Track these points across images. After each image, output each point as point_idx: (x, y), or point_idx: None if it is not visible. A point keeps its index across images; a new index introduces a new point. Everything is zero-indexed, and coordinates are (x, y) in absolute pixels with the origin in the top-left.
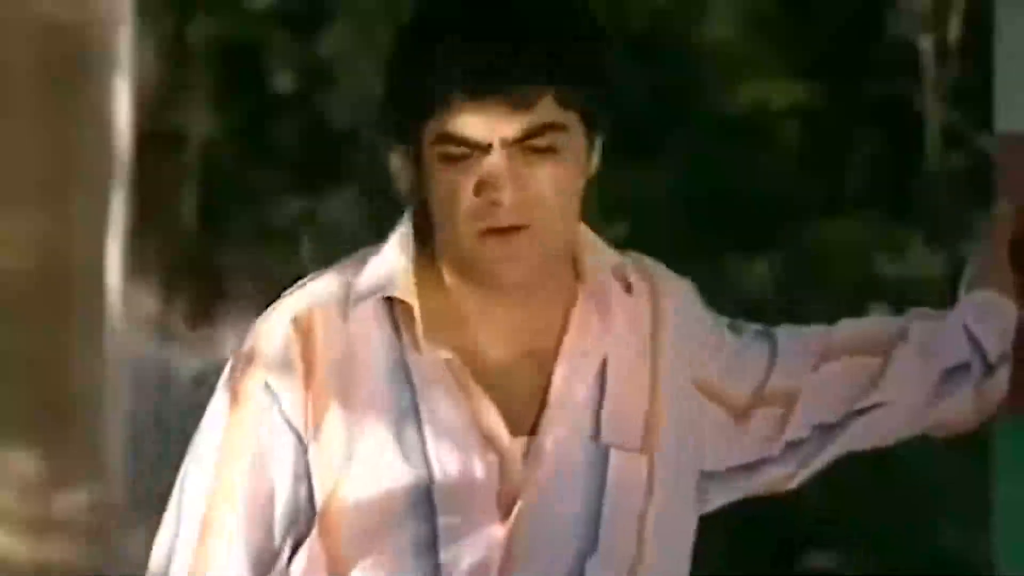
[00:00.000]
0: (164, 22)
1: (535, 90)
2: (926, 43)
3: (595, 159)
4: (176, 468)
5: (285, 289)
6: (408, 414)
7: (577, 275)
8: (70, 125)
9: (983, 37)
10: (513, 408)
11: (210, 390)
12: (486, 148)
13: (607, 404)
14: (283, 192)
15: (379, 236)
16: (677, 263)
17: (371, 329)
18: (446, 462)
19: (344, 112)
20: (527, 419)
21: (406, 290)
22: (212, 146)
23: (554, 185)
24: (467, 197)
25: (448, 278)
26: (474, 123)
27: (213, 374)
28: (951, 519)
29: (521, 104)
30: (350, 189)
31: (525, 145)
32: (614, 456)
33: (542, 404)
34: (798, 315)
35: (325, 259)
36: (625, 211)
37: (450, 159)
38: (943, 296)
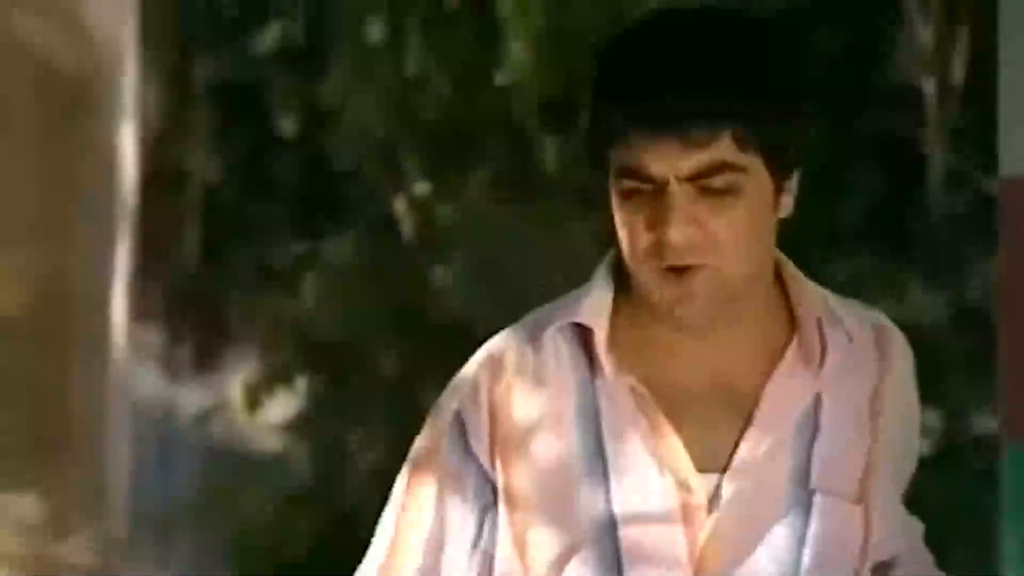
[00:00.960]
0: (168, 61)
1: (712, 130)
2: (929, 85)
3: (786, 199)
4: (179, 505)
5: (285, 329)
6: (595, 455)
7: (791, 319)
8: (74, 162)
9: (987, 80)
10: (705, 443)
11: (213, 428)
12: (662, 184)
13: (819, 447)
14: (285, 232)
15: (380, 276)
16: None
17: (561, 355)
18: (631, 505)
19: (346, 153)
20: (720, 457)
21: (591, 315)
22: (214, 186)
23: (733, 225)
24: (643, 233)
25: (642, 310)
26: (651, 158)
27: (216, 412)
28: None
29: (695, 143)
30: (352, 229)
31: (701, 184)
32: (820, 501)
33: (737, 443)
34: None
35: (327, 299)
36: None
37: (629, 193)
38: (942, 338)
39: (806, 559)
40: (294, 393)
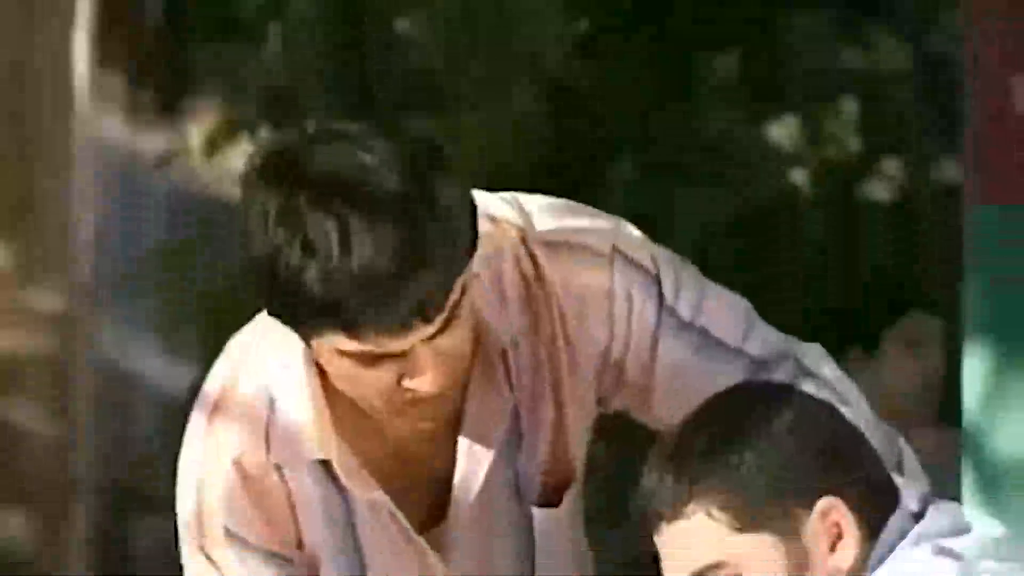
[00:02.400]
0: None
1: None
2: None
3: None
4: (144, 255)
5: (249, 84)
6: (354, 563)
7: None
8: None
9: None
10: (428, 495)
11: (174, 174)
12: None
13: (524, 453)
14: None
15: (346, 25)
16: (644, 59)
17: (307, 483)
18: None
19: None
20: (444, 502)
21: (327, 449)
22: None
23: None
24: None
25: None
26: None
27: (177, 157)
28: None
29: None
30: None
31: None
32: (538, 515)
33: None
34: (764, 110)
35: (292, 48)
36: (586, 6)
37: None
38: (907, 87)
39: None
40: (257, 142)
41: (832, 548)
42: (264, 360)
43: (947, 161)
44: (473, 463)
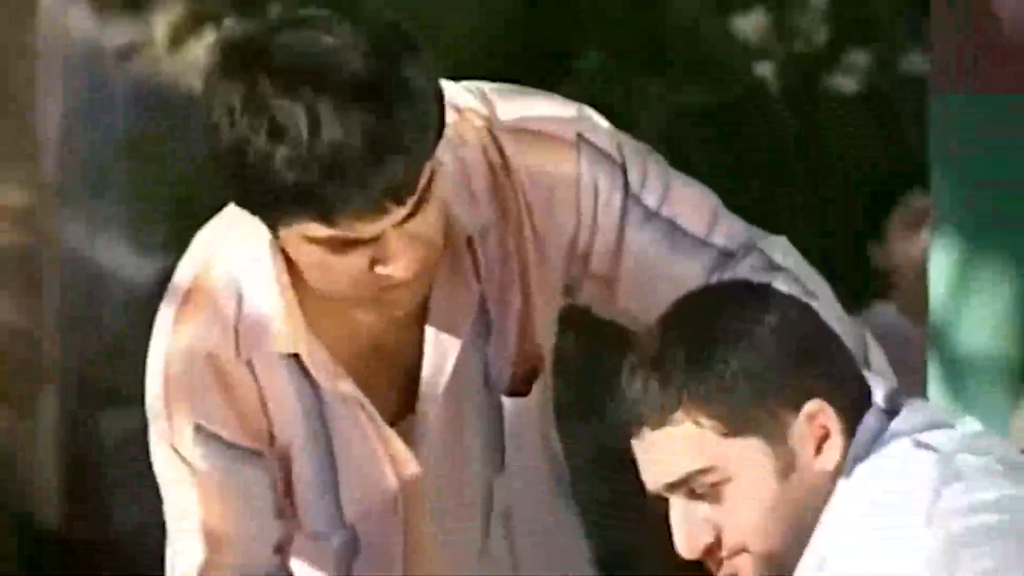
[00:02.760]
0: None
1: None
2: None
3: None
4: (109, 146)
5: None
6: (325, 455)
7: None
8: None
9: None
10: (397, 387)
11: (138, 66)
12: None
13: (492, 343)
14: None
15: None
16: None
17: (277, 377)
18: (356, 502)
19: None
20: (414, 392)
21: (297, 342)
22: None
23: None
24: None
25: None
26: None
27: (140, 49)
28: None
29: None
30: None
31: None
32: (508, 404)
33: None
34: (732, 3)
35: None
36: None
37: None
38: None
39: (508, 455)
40: (222, 30)
41: (818, 450)
42: (231, 253)
43: (914, 52)
44: (441, 353)
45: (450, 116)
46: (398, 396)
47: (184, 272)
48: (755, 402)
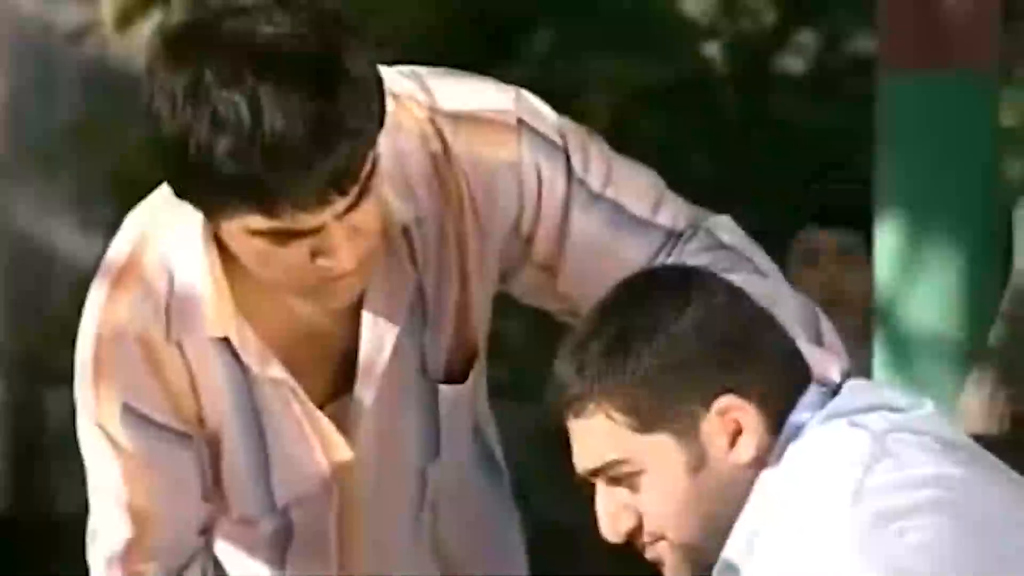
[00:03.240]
0: None
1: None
2: None
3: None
4: (59, 132)
5: None
6: (256, 439)
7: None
8: None
9: None
10: (331, 371)
11: (88, 48)
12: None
13: (429, 331)
14: None
15: None
16: None
17: (208, 359)
18: (288, 487)
19: None
20: (347, 377)
21: (227, 326)
22: None
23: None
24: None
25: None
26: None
27: (90, 31)
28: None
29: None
30: None
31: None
32: (444, 391)
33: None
34: None
35: None
36: None
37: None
38: None
39: (443, 438)
40: (170, 13)
41: (732, 443)
42: (164, 234)
43: (862, 33)
44: (378, 338)
45: (388, 103)
46: (333, 379)
47: (117, 250)
48: (669, 400)
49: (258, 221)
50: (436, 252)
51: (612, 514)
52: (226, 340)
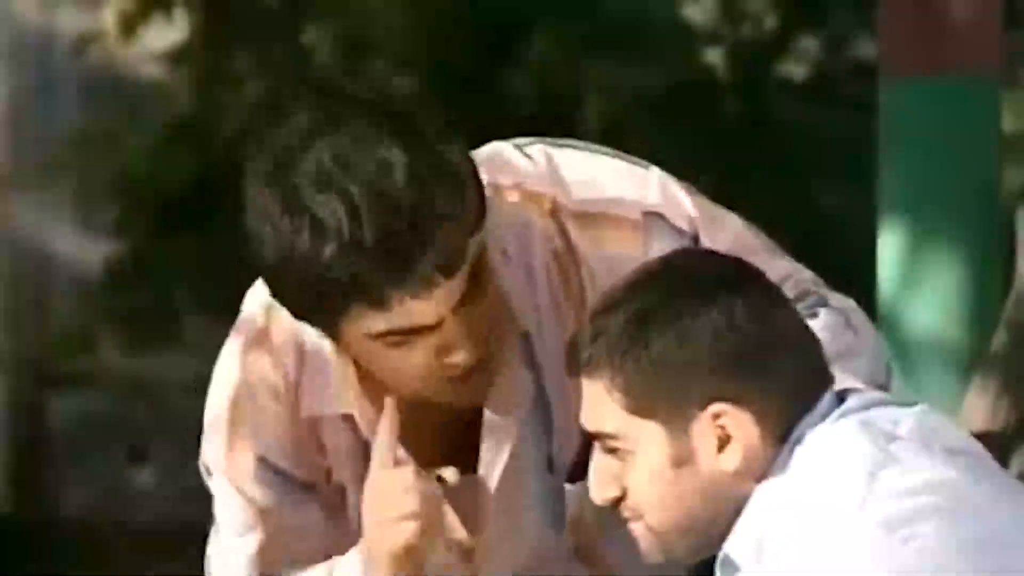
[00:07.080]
0: None
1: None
2: None
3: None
4: (61, 139)
5: None
6: None
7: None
8: None
9: None
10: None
11: (90, 57)
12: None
13: (555, 434)
14: None
15: None
16: None
17: (333, 427)
18: None
19: None
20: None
21: (351, 404)
22: None
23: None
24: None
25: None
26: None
27: (93, 40)
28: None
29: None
30: None
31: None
32: (569, 489)
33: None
34: None
35: None
36: None
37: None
38: None
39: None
40: (174, 22)
41: (720, 449)
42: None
43: (864, 38)
44: (495, 443)
45: (513, 196)
46: (450, 454)
47: (252, 310)
48: (662, 392)
49: (373, 321)
50: (557, 353)
51: (601, 480)
52: (350, 416)
